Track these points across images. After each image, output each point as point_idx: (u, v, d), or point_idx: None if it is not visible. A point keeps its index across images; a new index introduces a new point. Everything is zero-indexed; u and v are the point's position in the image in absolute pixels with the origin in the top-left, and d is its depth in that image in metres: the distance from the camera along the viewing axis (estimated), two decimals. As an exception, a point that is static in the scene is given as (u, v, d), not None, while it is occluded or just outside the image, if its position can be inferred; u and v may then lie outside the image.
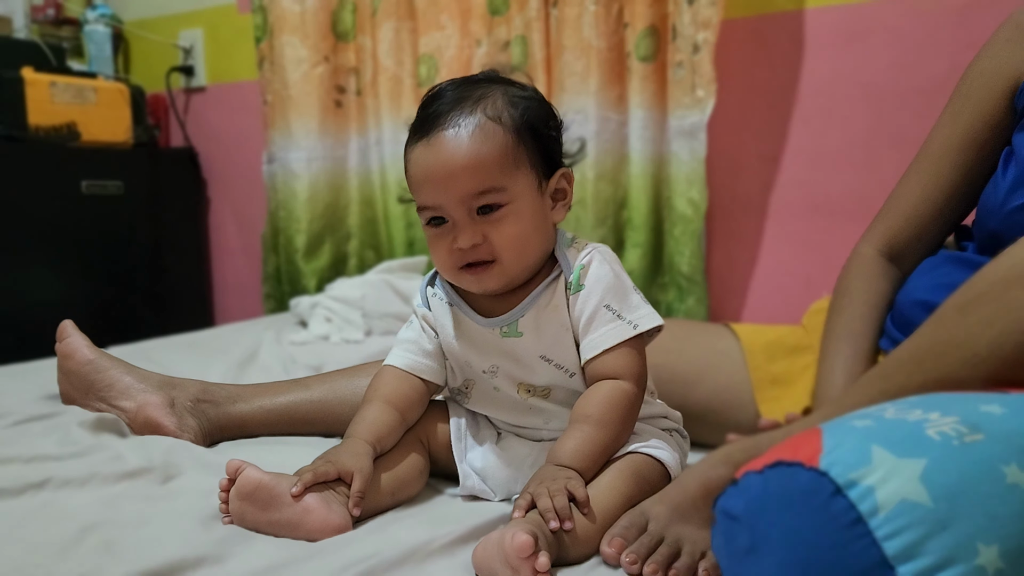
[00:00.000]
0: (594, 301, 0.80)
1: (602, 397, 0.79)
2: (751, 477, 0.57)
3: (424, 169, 0.78)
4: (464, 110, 0.78)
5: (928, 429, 0.53)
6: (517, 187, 0.78)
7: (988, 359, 0.64)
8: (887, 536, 0.49)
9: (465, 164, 0.76)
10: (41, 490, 0.79)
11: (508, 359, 0.84)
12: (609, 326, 0.80)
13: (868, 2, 1.57)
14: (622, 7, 1.64)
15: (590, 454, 0.77)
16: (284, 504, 0.72)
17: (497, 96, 0.79)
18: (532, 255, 0.81)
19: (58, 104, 1.94)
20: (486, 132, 0.77)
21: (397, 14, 1.89)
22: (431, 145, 0.77)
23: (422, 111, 0.81)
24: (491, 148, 0.76)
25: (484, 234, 0.78)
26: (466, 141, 0.76)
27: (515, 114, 0.78)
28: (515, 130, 0.78)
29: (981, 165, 0.93)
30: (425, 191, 0.79)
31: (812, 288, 1.61)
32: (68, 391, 1.02)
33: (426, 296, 0.89)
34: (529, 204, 0.79)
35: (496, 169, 0.77)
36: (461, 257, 0.79)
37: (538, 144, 0.80)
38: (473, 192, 0.77)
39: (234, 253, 2.39)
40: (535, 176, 0.80)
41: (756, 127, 1.69)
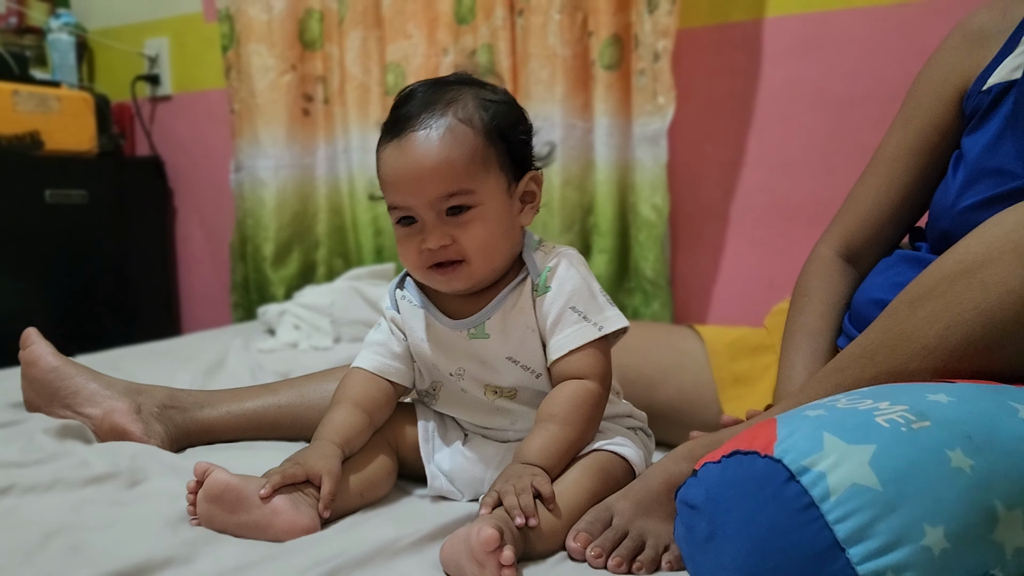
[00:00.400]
0: (560, 303, 0.81)
1: (567, 396, 0.80)
2: (710, 467, 0.59)
3: (394, 170, 0.79)
4: (435, 112, 0.78)
5: (877, 417, 0.56)
6: (486, 190, 0.79)
7: (936, 351, 0.66)
8: (838, 519, 0.51)
9: (434, 166, 0.77)
10: (5, 496, 0.78)
11: (475, 361, 0.85)
12: (575, 327, 0.81)
13: (825, 11, 1.61)
14: (586, 16, 1.66)
15: (556, 452, 0.78)
16: (252, 506, 0.72)
17: (468, 99, 0.80)
18: (500, 257, 0.82)
19: (20, 112, 1.92)
20: (456, 135, 0.77)
21: (364, 23, 1.90)
22: (401, 146, 0.78)
23: (394, 111, 0.81)
24: (461, 151, 0.77)
25: (452, 236, 0.78)
26: (436, 143, 0.77)
27: (485, 117, 0.79)
28: (485, 133, 0.79)
29: (933, 168, 0.96)
30: (395, 192, 0.80)
31: (774, 290, 1.64)
32: (32, 399, 1.02)
33: (395, 298, 0.90)
34: (497, 207, 0.80)
35: (465, 172, 0.77)
36: (430, 257, 0.79)
37: (507, 147, 0.81)
38: (442, 194, 0.77)
39: (201, 262, 2.38)
40: (504, 179, 0.81)
41: (718, 134, 1.72)
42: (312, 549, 0.69)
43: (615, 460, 0.81)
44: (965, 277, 0.66)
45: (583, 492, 0.76)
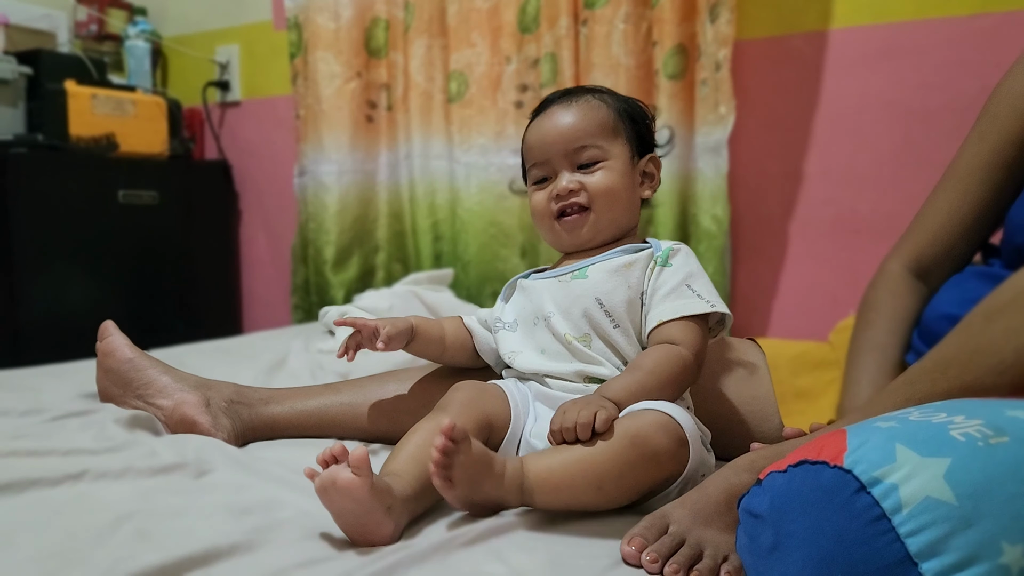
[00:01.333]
0: (678, 278, 0.89)
1: (659, 353, 0.84)
2: (775, 476, 0.57)
3: (537, 132, 0.94)
4: (577, 93, 0.95)
5: (952, 430, 0.54)
6: (613, 151, 0.92)
7: (1014, 366, 0.64)
8: (910, 533, 0.49)
9: (572, 123, 0.91)
10: (78, 481, 0.81)
11: (564, 300, 0.90)
12: (688, 300, 0.87)
13: (896, 22, 1.58)
14: (651, 25, 1.66)
15: (635, 391, 0.80)
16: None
17: (603, 93, 0.95)
18: (620, 212, 0.93)
19: (98, 116, 2.00)
20: (592, 105, 0.93)
21: (429, 31, 1.92)
22: (546, 115, 0.94)
23: (542, 103, 0.97)
24: (595, 116, 0.92)
25: (581, 182, 0.91)
26: (575, 109, 0.92)
27: (620, 103, 0.95)
28: (617, 112, 0.93)
29: (1008, 184, 0.93)
30: (535, 150, 0.94)
31: (839, 306, 1.61)
32: (106, 388, 1.05)
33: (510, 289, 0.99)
34: (622, 167, 0.92)
35: (598, 131, 0.91)
36: (558, 203, 0.92)
37: (635, 128, 0.94)
38: (576, 146, 0.91)
39: (263, 264, 2.43)
40: (630, 150, 0.93)
41: (782, 145, 1.70)
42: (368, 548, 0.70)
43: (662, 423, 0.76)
44: (1045, 293, 0.64)
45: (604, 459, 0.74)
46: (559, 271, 0.94)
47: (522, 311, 0.95)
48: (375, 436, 1.03)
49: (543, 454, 0.76)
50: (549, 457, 0.75)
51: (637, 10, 1.65)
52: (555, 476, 0.74)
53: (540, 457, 0.76)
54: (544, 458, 0.75)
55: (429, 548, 0.67)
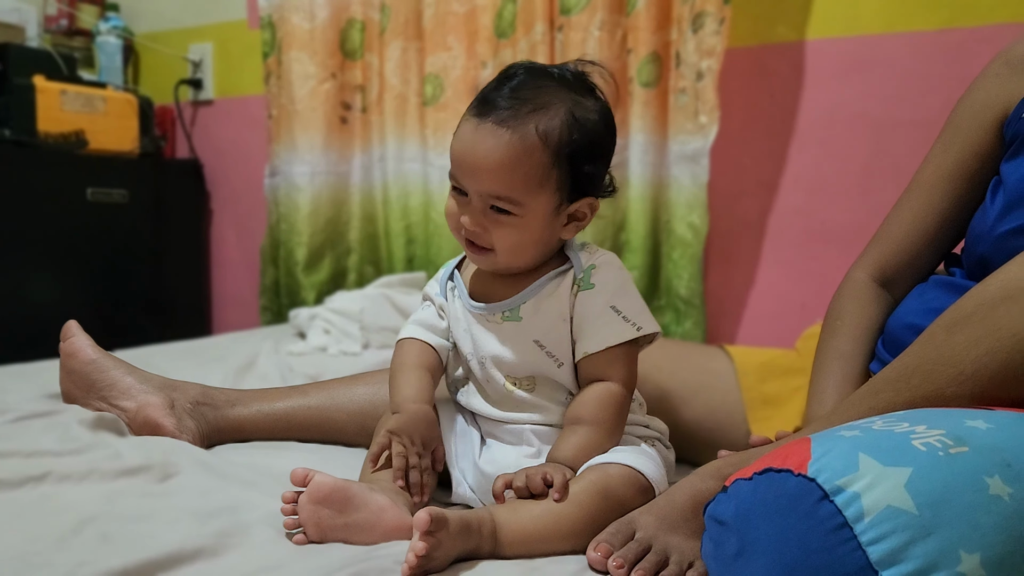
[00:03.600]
0: (602, 300, 0.83)
1: (594, 399, 0.82)
2: (740, 483, 0.58)
3: (461, 150, 0.81)
4: (519, 113, 0.78)
5: (914, 440, 0.55)
6: (533, 205, 0.80)
7: (974, 377, 0.65)
8: (872, 541, 0.50)
9: (493, 167, 0.78)
10: (41, 483, 0.79)
11: (503, 346, 0.85)
12: (614, 326, 0.82)
13: (867, 35, 1.61)
14: (626, 33, 1.67)
15: (586, 451, 0.79)
16: (360, 506, 0.71)
17: (559, 111, 0.80)
18: (526, 258, 0.84)
19: (67, 112, 1.97)
20: (526, 146, 0.78)
21: (405, 34, 1.92)
22: (477, 130, 0.79)
23: (487, 91, 0.82)
24: (523, 163, 0.78)
25: (486, 227, 0.81)
26: (504, 146, 0.78)
27: (564, 138, 0.79)
28: (554, 154, 0.79)
29: (971, 194, 0.95)
30: (455, 166, 0.82)
31: (807, 313, 1.63)
32: (70, 390, 1.03)
33: (445, 287, 0.92)
34: (537, 220, 0.81)
35: (519, 184, 0.79)
36: (464, 232, 0.82)
37: (572, 172, 0.81)
38: (490, 193, 0.80)
39: (234, 265, 2.41)
40: (556, 199, 0.81)
41: (756, 154, 1.71)
42: (336, 551, 0.69)
43: (627, 477, 0.78)
44: (1006, 304, 0.65)
45: (577, 508, 0.74)
46: (488, 309, 0.86)
47: (460, 335, 0.89)
48: (343, 440, 1.02)
49: (515, 510, 0.74)
50: (521, 513, 0.73)
51: (612, 17, 1.66)
52: (529, 532, 0.73)
53: (512, 512, 0.73)
54: (516, 514, 0.73)
55: (395, 559, 0.67)
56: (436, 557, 0.65)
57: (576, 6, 1.68)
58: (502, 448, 0.86)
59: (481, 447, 0.88)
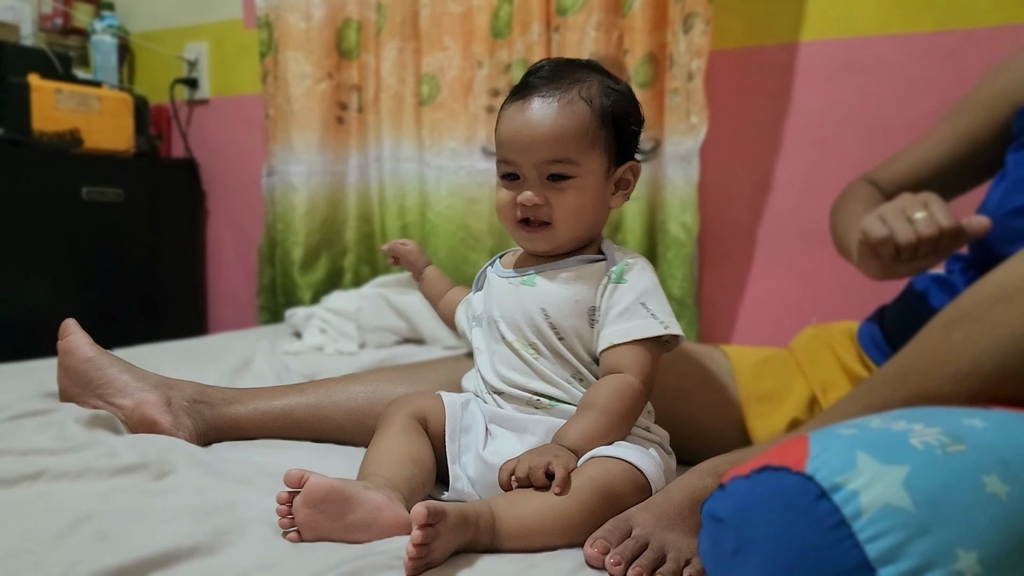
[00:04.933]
0: (632, 296, 0.85)
1: (609, 388, 0.83)
2: (738, 481, 0.58)
3: (511, 128, 0.86)
4: (561, 85, 0.85)
5: (912, 438, 0.55)
6: (588, 165, 0.85)
7: (970, 376, 0.66)
8: (870, 539, 0.50)
9: (548, 132, 0.83)
10: (36, 482, 0.79)
11: (513, 304, 0.89)
12: (642, 320, 0.85)
13: (861, 37, 1.61)
14: (622, 34, 1.67)
15: (591, 435, 0.80)
16: (356, 505, 0.71)
17: (593, 82, 0.86)
18: (584, 228, 0.88)
19: (62, 111, 1.96)
20: (574, 109, 0.84)
21: (401, 34, 1.92)
22: (523, 107, 0.85)
23: (524, 79, 0.88)
24: (575, 124, 0.84)
25: (547, 197, 0.85)
26: (554, 111, 0.84)
27: (605, 102, 0.85)
28: (600, 115, 0.85)
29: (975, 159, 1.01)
30: (507, 148, 0.86)
31: (802, 314, 1.64)
32: (67, 388, 1.03)
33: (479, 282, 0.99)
34: (594, 183, 0.86)
35: (574, 144, 0.84)
36: (522, 211, 0.86)
37: (617, 134, 0.87)
38: (548, 159, 0.84)
39: (230, 264, 2.40)
40: (606, 161, 0.87)
41: (750, 155, 1.72)
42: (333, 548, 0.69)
43: (627, 476, 0.78)
44: (1002, 303, 0.65)
45: (576, 503, 0.74)
46: (512, 273, 0.92)
47: (483, 308, 0.94)
48: (340, 438, 1.02)
49: (513, 502, 0.74)
50: (520, 507, 0.73)
51: (609, 18, 1.67)
52: (527, 526, 0.72)
53: (511, 505, 0.73)
54: (515, 508, 0.73)
55: (393, 555, 0.67)
56: (435, 549, 0.65)
57: (572, 7, 1.68)
58: (507, 438, 0.86)
59: (486, 439, 0.88)
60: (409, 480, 0.79)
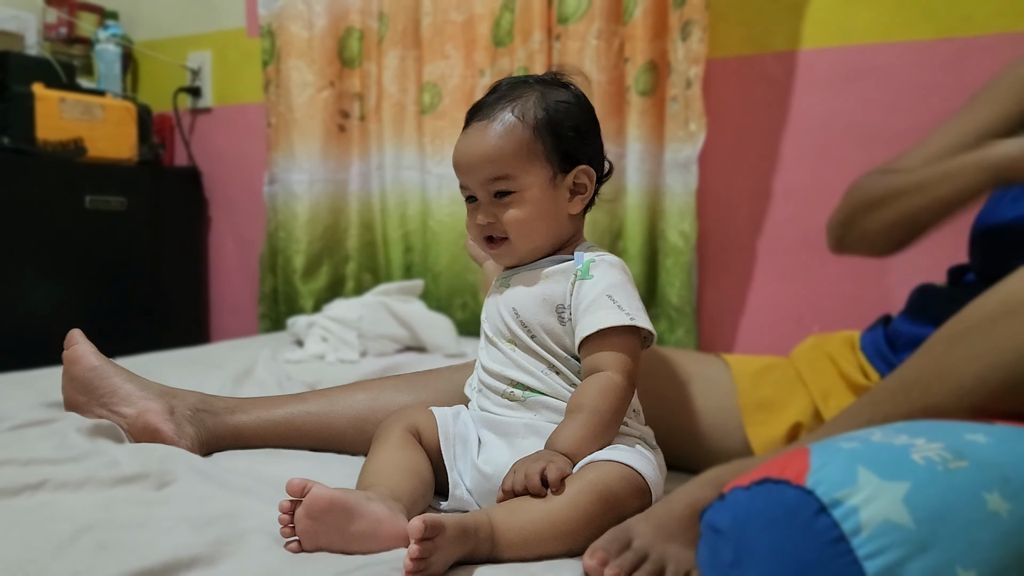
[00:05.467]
0: (598, 289, 0.86)
1: (594, 387, 0.83)
2: (738, 493, 0.58)
3: (457, 154, 0.91)
4: (498, 107, 0.89)
5: (913, 454, 0.55)
6: (527, 179, 0.88)
7: (973, 391, 0.66)
8: (869, 555, 0.50)
9: (482, 154, 0.88)
10: (37, 491, 0.79)
11: (495, 306, 0.92)
12: (607, 311, 0.85)
13: (862, 45, 1.61)
14: (623, 42, 1.68)
15: (583, 437, 0.80)
16: (357, 517, 0.71)
17: (532, 97, 0.89)
18: (539, 237, 0.91)
19: (66, 120, 1.97)
20: (507, 128, 0.87)
21: (403, 42, 1.93)
22: (467, 134, 0.90)
23: (477, 102, 0.92)
24: (507, 143, 0.87)
25: (495, 215, 0.89)
26: (489, 134, 0.88)
27: (540, 114, 0.88)
28: (534, 128, 0.88)
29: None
30: (458, 173, 0.91)
31: (803, 323, 1.63)
32: (71, 397, 1.03)
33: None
34: (537, 194, 0.88)
35: (508, 161, 0.87)
36: (482, 231, 0.91)
37: (556, 142, 0.88)
38: (487, 178, 0.88)
39: (232, 272, 2.41)
40: (549, 169, 0.89)
41: (751, 163, 1.72)
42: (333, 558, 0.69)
43: (625, 478, 0.78)
44: (1007, 318, 0.65)
45: (575, 510, 0.74)
46: (498, 276, 0.96)
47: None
48: (342, 446, 1.02)
49: (511, 511, 0.74)
50: (518, 515, 0.73)
51: (610, 27, 1.67)
52: (526, 535, 0.72)
53: (510, 515, 0.73)
54: (514, 516, 0.73)
55: (393, 566, 0.67)
56: (434, 562, 0.65)
57: (574, 15, 1.69)
58: (497, 445, 0.86)
59: (478, 447, 0.88)
60: (411, 491, 0.79)
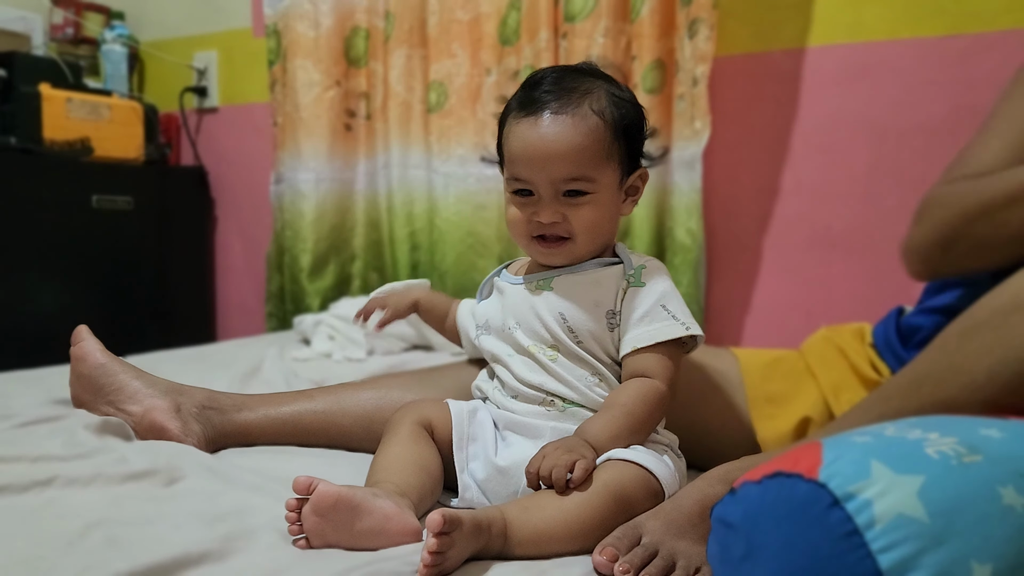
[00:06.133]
0: (652, 299, 0.86)
1: (634, 389, 0.83)
2: (749, 487, 0.58)
3: (527, 145, 0.84)
4: (572, 99, 0.84)
5: (927, 448, 0.54)
6: (604, 180, 0.85)
7: (986, 385, 0.65)
8: (882, 549, 0.49)
9: (566, 150, 0.83)
10: (47, 488, 0.79)
11: (531, 310, 0.89)
12: (664, 323, 0.85)
13: (870, 42, 1.61)
14: (630, 40, 1.67)
15: (614, 433, 0.80)
16: (365, 514, 0.70)
17: (601, 93, 0.85)
18: (601, 240, 0.89)
19: (73, 119, 1.97)
20: (589, 125, 0.83)
21: (409, 41, 1.92)
22: (536, 125, 0.84)
23: (529, 91, 0.86)
24: (591, 140, 0.83)
25: (564, 214, 0.85)
26: (570, 128, 0.83)
27: (616, 114, 0.85)
28: (613, 129, 0.84)
29: None
30: (521, 165, 0.85)
31: (812, 320, 1.63)
32: (79, 394, 1.03)
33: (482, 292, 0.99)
34: (609, 196, 0.87)
35: (590, 160, 0.83)
36: (537, 228, 0.86)
37: (629, 145, 0.87)
38: (566, 176, 0.84)
39: (238, 272, 2.41)
40: (620, 172, 0.87)
41: (758, 160, 1.72)
42: (343, 555, 0.69)
43: (639, 480, 0.78)
44: (1018, 312, 0.65)
45: (589, 510, 0.74)
46: (526, 279, 0.92)
47: (494, 316, 0.94)
48: (349, 444, 1.02)
49: (525, 508, 0.74)
50: (532, 513, 0.73)
51: (617, 25, 1.67)
52: (539, 532, 0.72)
53: (523, 512, 0.73)
54: (527, 514, 0.73)
55: (403, 561, 0.67)
56: (450, 557, 0.65)
57: (580, 13, 1.68)
58: (520, 444, 0.86)
59: (497, 445, 0.87)
60: (419, 487, 0.79)
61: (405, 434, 0.85)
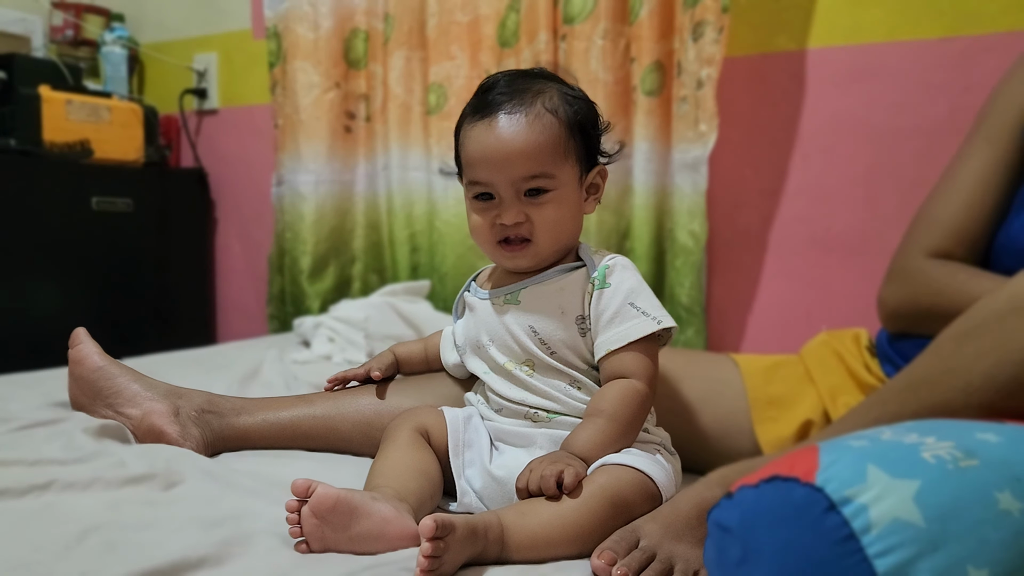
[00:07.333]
0: (620, 298, 0.85)
1: (615, 393, 0.82)
2: (746, 491, 0.58)
3: (483, 148, 0.85)
4: (525, 99, 0.84)
5: (924, 452, 0.54)
6: (564, 176, 0.85)
7: (982, 389, 0.65)
8: (879, 553, 0.50)
9: (523, 148, 0.83)
10: (45, 492, 0.79)
11: (501, 327, 0.89)
12: (634, 321, 0.84)
13: (870, 44, 1.61)
14: (629, 42, 1.67)
15: (600, 443, 0.80)
16: (363, 517, 0.70)
17: (553, 92, 0.86)
18: (564, 239, 0.88)
19: (73, 121, 1.97)
20: (544, 122, 0.84)
21: (409, 43, 1.93)
22: (492, 126, 0.84)
23: (482, 95, 0.87)
24: (547, 137, 0.83)
25: (527, 214, 0.85)
26: (525, 127, 0.83)
27: (569, 111, 0.85)
28: (568, 125, 0.85)
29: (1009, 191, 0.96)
30: (480, 168, 0.85)
31: (812, 322, 1.63)
32: (77, 397, 1.03)
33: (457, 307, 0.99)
34: (571, 193, 0.86)
35: (548, 157, 0.84)
36: (501, 232, 0.86)
37: (585, 141, 0.87)
38: (525, 175, 0.84)
39: (238, 274, 2.41)
40: (578, 169, 0.87)
41: (758, 163, 1.72)
42: (341, 559, 0.69)
43: (637, 482, 0.78)
44: (1014, 316, 0.65)
45: (587, 513, 0.74)
46: (492, 294, 0.91)
47: (468, 334, 0.94)
48: (348, 449, 1.02)
49: (522, 513, 0.74)
50: (529, 518, 0.73)
51: (616, 27, 1.67)
52: (536, 537, 0.72)
53: (519, 517, 0.73)
54: (524, 519, 0.73)
55: (401, 566, 0.67)
56: (445, 561, 0.65)
57: (579, 15, 1.68)
58: (513, 452, 0.86)
59: (491, 453, 0.88)
60: (418, 492, 0.79)
61: (404, 440, 0.85)
